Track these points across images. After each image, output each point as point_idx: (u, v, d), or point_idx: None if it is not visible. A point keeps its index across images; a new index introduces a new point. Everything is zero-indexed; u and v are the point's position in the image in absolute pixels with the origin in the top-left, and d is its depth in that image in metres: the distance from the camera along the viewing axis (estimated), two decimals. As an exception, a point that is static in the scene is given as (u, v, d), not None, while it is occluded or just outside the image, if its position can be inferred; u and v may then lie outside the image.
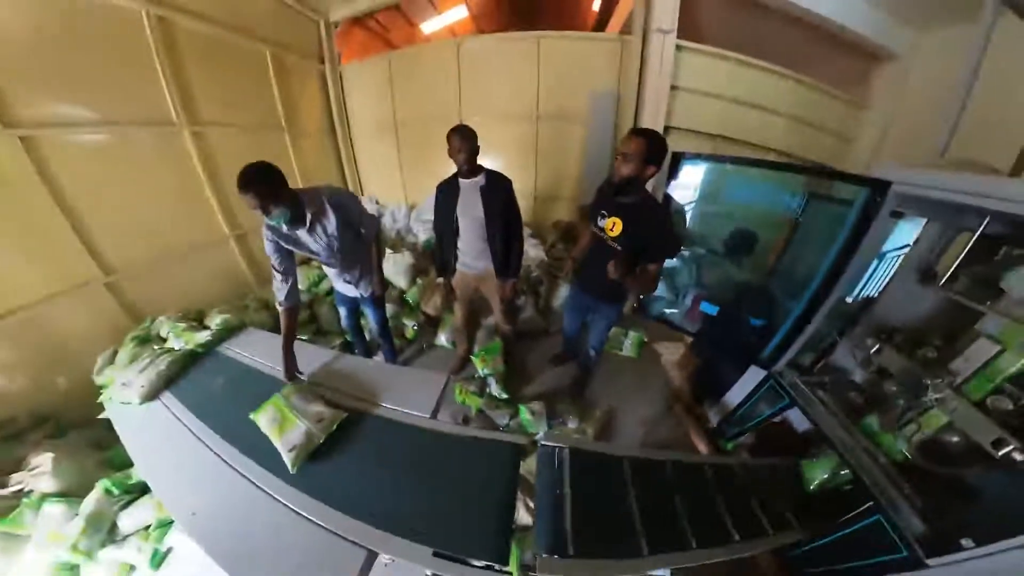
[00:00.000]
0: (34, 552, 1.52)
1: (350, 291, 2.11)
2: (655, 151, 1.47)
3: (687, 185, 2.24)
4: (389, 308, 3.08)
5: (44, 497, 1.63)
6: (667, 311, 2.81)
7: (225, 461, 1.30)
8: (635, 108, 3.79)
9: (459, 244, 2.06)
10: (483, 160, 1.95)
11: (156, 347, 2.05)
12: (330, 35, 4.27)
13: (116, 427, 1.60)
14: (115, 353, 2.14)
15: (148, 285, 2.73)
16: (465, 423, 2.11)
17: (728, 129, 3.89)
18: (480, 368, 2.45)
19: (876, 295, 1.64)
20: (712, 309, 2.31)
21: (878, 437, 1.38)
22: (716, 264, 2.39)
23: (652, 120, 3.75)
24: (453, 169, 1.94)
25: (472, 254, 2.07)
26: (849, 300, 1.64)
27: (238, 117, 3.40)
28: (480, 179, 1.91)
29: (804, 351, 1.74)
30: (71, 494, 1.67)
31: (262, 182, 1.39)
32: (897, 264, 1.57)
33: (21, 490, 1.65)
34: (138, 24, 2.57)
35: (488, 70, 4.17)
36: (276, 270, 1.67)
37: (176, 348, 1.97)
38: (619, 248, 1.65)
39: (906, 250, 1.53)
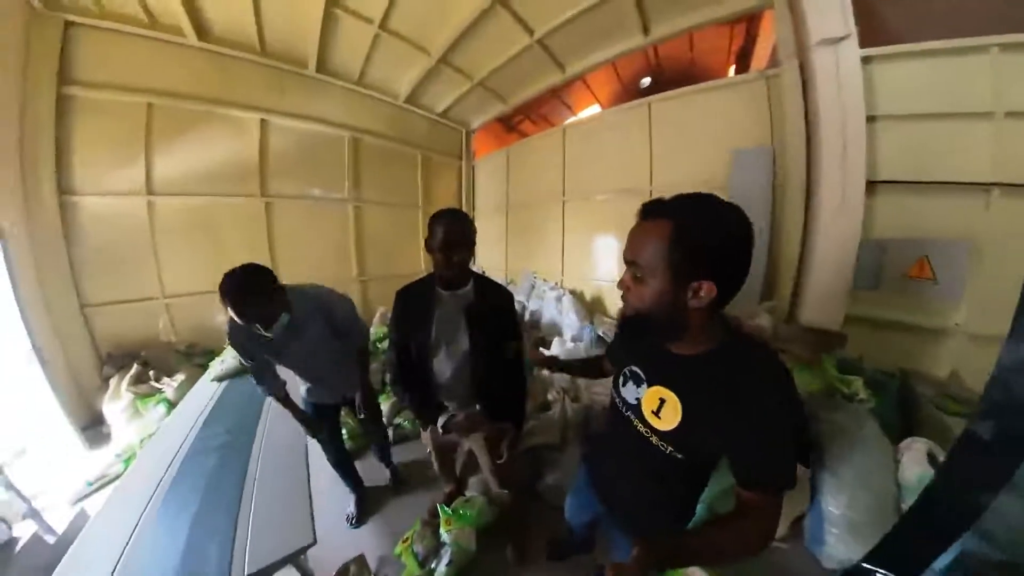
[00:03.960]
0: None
1: (327, 396, 1.68)
2: (700, 242, 0.59)
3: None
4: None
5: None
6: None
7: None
8: (806, 159, 2.62)
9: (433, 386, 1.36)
10: (588, 241, 1.20)
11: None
12: (468, 140, 5.33)
13: (198, 382, 2.23)
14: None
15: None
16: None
17: (1011, 170, 2.12)
18: (443, 529, 1.63)
19: None
20: None
21: None
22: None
23: (841, 173, 2.45)
24: (549, 251, 1.31)
25: (451, 402, 1.36)
26: None
27: (387, 197, 4.70)
28: (467, 291, 1.25)
29: None
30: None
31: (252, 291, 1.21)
32: None
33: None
34: (340, 141, 4.17)
35: (593, 148, 4.04)
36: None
37: None
38: (673, 453, 0.73)
39: None
